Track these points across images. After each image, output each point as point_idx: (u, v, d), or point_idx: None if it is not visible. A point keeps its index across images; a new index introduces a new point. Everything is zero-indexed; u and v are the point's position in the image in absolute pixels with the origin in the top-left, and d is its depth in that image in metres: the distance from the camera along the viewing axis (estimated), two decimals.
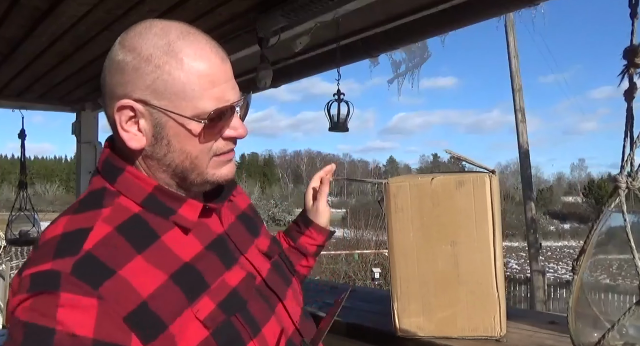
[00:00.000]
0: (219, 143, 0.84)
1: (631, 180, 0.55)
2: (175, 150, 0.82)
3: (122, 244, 0.76)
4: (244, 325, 0.81)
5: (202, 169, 0.84)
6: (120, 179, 0.84)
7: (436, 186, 1.51)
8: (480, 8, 2.26)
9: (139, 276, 0.74)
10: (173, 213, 0.84)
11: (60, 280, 0.69)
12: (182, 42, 0.79)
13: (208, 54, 0.80)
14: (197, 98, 0.79)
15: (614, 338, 0.55)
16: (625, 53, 0.60)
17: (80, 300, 0.69)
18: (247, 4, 2.29)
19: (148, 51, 0.78)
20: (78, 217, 0.79)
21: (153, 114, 0.80)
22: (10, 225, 4.89)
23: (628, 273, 0.58)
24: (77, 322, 0.68)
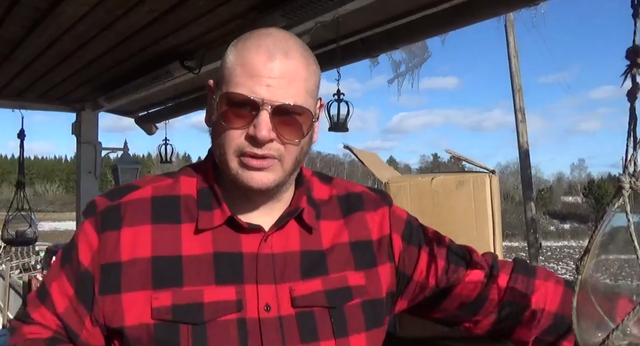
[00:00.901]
0: (241, 140, 0.82)
1: (634, 180, 0.54)
2: (216, 136, 0.86)
3: (145, 210, 0.88)
4: (189, 338, 0.80)
5: (228, 160, 0.83)
6: (202, 165, 0.94)
7: (436, 186, 1.51)
8: (480, 8, 2.26)
9: (131, 241, 0.85)
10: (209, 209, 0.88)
11: (94, 212, 0.89)
12: (253, 34, 0.85)
13: (259, 47, 0.82)
14: (232, 83, 0.82)
15: (618, 338, 0.54)
16: (628, 53, 0.60)
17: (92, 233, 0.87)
18: (247, 4, 2.29)
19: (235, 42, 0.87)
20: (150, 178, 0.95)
21: (213, 92, 0.88)
22: (7, 225, 4.89)
23: (630, 273, 0.58)
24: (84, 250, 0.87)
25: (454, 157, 1.60)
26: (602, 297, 0.59)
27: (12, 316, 8.79)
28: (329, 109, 2.67)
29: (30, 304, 0.91)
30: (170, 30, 2.63)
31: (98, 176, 4.71)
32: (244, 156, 0.82)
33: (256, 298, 0.84)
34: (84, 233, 0.88)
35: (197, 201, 0.89)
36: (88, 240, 0.87)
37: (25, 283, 7.86)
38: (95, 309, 0.85)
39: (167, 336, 0.81)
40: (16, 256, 17.39)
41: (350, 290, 0.90)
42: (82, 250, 0.87)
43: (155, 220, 0.87)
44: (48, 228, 35.63)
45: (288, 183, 0.89)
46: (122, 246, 0.85)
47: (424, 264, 0.99)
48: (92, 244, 0.87)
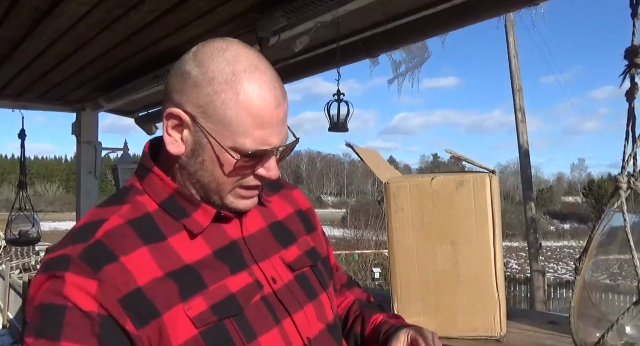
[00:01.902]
0: (247, 178, 0.87)
1: (633, 180, 0.54)
2: (206, 170, 0.85)
3: (131, 234, 0.82)
4: (237, 330, 0.82)
5: (224, 194, 0.87)
6: (147, 178, 0.89)
7: (436, 186, 1.51)
8: (480, 8, 2.26)
9: (139, 265, 0.79)
10: (187, 215, 0.87)
11: (69, 263, 0.77)
12: (246, 75, 0.81)
13: (265, 95, 0.82)
14: (240, 134, 0.81)
15: (613, 337, 0.54)
16: (627, 53, 0.60)
17: (83, 280, 0.76)
18: (247, 4, 2.29)
19: (212, 74, 0.81)
20: (100, 210, 0.86)
21: (197, 131, 0.83)
22: (10, 225, 4.89)
23: (629, 272, 0.58)
24: (84, 300, 0.75)
25: (454, 157, 1.60)
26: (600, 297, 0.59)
27: (12, 316, 8.80)
28: (329, 109, 2.67)
29: None
30: (170, 30, 2.63)
31: (98, 176, 4.71)
32: (245, 189, 0.87)
33: (263, 275, 0.90)
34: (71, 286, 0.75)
35: (168, 213, 0.87)
36: (81, 288, 0.75)
37: (25, 283, 7.86)
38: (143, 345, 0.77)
39: (218, 338, 0.81)
40: (16, 256, 17.40)
41: (315, 249, 1.04)
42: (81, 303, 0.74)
43: (146, 242, 0.82)
44: (48, 228, 35.55)
45: None
46: (133, 272, 0.78)
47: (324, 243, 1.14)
48: (90, 289, 0.75)
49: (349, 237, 17.41)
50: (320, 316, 0.96)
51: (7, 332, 8.57)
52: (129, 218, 0.84)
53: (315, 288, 0.98)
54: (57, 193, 72.14)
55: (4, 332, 8.62)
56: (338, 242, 18.30)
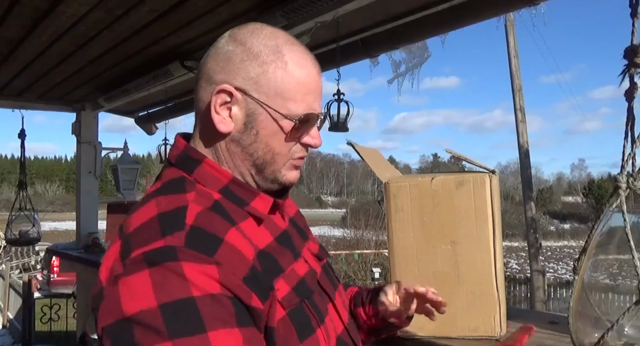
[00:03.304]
0: (297, 147, 0.90)
1: (632, 180, 0.54)
2: (261, 141, 0.87)
3: (217, 217, 0.81)
4: (312, 311, 0.87)
5: (278, 166, 0.89)
6: (198, 170, 0.88)
7: (436, 186, 1.51)
8: (480, 8, 2.26)
9: (241, 244, 0.79)
10: (246, 204, 0.88)
11: (179, 253, 0.72)
12: (288, 47, 0.87)
13: (308, 63, 0.89)
14: (291, 100, 0.86)
15: (613, 337, 0.54)
16: (626, 53, 0.60)
17: (201, 267, 0.71)
18: (247, 4, 2.29)
19: (258, 48, 0.86)
20: (167, 199, 0.82)
21: (249, 104, 0.86)
22: (10, 225, 4.89)
23: (628, 272, 0.58)
24: (208, 284, 0.71)
25: (454, 157, 1.60)
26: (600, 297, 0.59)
27: (12, 316, 8.80)
28: (329, 109, 2.67)
29: None
30: (170, 30, 2.63)
31: (98, 176, 4.71)
32: (294, 159, 0.91)
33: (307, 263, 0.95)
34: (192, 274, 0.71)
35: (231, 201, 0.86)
36: (204, 274, 0.71)
37: (25, 283, 7.86)
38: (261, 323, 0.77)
39: (301, 319, 0.84)
40: (16, 256, 17.40)
41: (322, 247, 1.08)
42: (208, 288, 0.71)
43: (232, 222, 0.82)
44: (48, 228, 35.56)
45: None
46: (242, 250, 0.78)
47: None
48: (212, 274, 0.72)
49: (349, 237, 17.38)
50: (345, 303, 1.04)
51: (7, 332, 8.57)
52: (206, 205, 0.82)
53: (333, 277, 1.04)
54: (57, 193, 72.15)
55: (4, 332, 8.61)
56: (338, 242, 18.28)
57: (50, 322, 7.22)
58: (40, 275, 14.09)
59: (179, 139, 0.93)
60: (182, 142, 0.92)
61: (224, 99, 0.85)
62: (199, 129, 0.91)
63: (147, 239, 0.74)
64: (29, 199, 4.91)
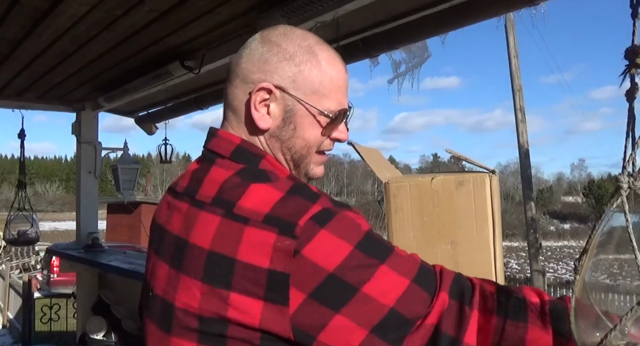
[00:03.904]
0: (327, 141, 0.96)
1: (633, 180, 0.54)
2: (298, 136, 0.93)
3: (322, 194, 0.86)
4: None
5: (310, 160, 0.96)
6: (262, 164, 0.91)
7: (436, 186, 1.51)
8: (480, 8, 2.26)
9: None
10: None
11: (334, 211, 0.80)
12: (319, 47, 0.93)
13: (338, 63, 0.95)
14: (325, 96, 0.93)
15: (616, 337, 0.54)
16: (627, 53, 0.60)
17: (353, 214, 0.82)
18: (247, 4, 2.29)
19: (293, 49, 0.91)
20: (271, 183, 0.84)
21: (286, 100, 0.91)
22: (9, 225, 4.89)
23: (629, 272, 0.58)
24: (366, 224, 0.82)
25: (454, 157, 1.60)
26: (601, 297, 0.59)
27: (12, 316, 8.80)
28: None
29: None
30: (170, 30, 2.64)
31: (98, 176, 4.70)
32: (321, 154, 0.97)
33: None
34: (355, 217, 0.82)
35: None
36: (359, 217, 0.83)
37: (25, 283, 7.86)
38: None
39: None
40: (16, 256, 17.41)
41: None
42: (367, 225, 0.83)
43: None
44: (48, 228, 35.63)
45: None
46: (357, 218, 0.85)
47: None
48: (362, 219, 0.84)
49: None
50: None
51: (7, 332, 8.57)
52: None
53: None
54: (57, 193, 72.20)
55: (4, 332, 8.62)
56: None
57: (50, 322, 7.22)
58: (40, 275, 14.10)
59: (227, 134, 0.94)
60: (235, 137, 0.93)
61: (262, 97, 0.90)
62: (234, 125, 0.95)
63: (301, 209, 0.78)
64: (27, 199, 4.91)
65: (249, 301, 0.75)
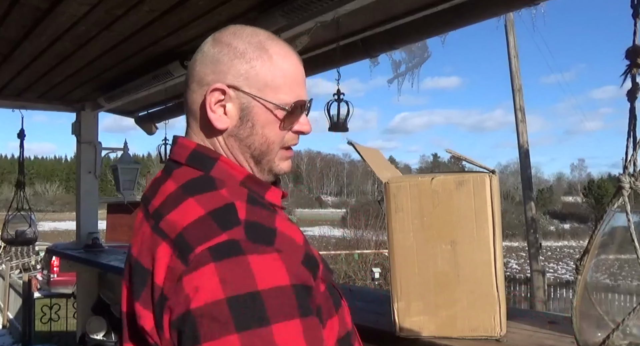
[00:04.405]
0: (289, 135, 0.94)
1: (634, 180, 0.54)
2: (257, 133, 0.91)
3: (262, 210, 0.84)
4: (337, 290, 0.93)
5: (273, 156, 0.94)
6: (215, 168, 0.90)
7: (436, 186, 1.51)
8: (480, 8, 2.26)
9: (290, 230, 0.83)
10: (262, 197, 0.91)
11: (242, 246, 0.74)
12: (270, 42, 0.93)
13: (292, 55, 0.94)
14: (281, 90, 0.91)
15: (618, 338, 0.54)
16: (628, 53, 0.60)
17: (265, 258, 0.75)
18: (247, 4, 2.29)
19: (243, 46, 0.91)
20: (206, 197, 0.83)
21: (242, 98, 0.90)
22: (7, 225, 4.88)
23: (630, 272, 0.58)
24: (273, 276, 0.73)
25: (454, 157, 1.60)
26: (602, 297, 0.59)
27: (12, 316, 8.80)
28: (329, 109, 2.67)
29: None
30: (170, 30, 2.63)
31: (98, 176, 4.70)
32: (286, 149, 0.95)
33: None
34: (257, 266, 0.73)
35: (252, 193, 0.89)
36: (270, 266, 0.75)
37: (25, 283, 7.86)
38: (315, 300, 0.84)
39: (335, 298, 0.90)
40: (16, 256, 17.40)
41: None
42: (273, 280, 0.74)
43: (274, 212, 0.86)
44: (48, 228, 35.58)
45: None
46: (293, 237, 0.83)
47: None
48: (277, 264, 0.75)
49: (349, 237, 17.38)
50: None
51: (7, 332, 8.57)
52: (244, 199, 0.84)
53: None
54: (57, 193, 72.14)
55: (4, 332, 8.62)
56: (338, 242, 18.28)
57: (50, 322, 7.22)
58: (40, 275, 14.08)
59: (184, 140, 0.95)
60: (191, 142, 0.94)
61: (217, 98, 0.90)
62: (195, 130, 0.95)
63: (207, 235, 0.75)
64: (26, 199, 4.91)
65: (148, 315, 0.78)
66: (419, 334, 1.52)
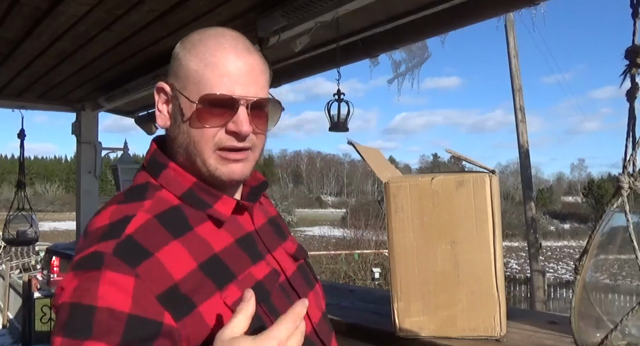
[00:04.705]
0: (220, 135, 0.87)
1: (633, 180, 0.54)
2: (183, 132, 0.88)
3: (160, 230, 0.83)
4: (267, 314, 0.86)
5: (204, 158, 0.88)
6: (163, 174, 0.91)
7: (436, 186, 1.51)
8: (480, 8, 2.26)
9: (173, 260, 0.80)
10: (209, 206, 0.89)
11: (104, 260, 0.76)
12: (208, 37, 0.89)
13: (227, 49, 0.87)
14: (203, 85, 0.86)
15: (616, 338, 0.54)
16: (627, 53, 0.60)
17: (119, 277, 0.75)
18: (247, 4, 2.29)
19: (181, 45, 0.91)
20: (122, 207, 0.85)
21: (175, 96, 0.89)
22: (8, 225, 4.88)
23: (629, 273, 0.58)
24: (116, 298, 0.74)
25: (454, 157, 1.60)
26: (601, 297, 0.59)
27: (12, 316, 8.80)
28: (329, 109, 2.67)
29: None
30: (170, 30, 2.63)
31: (98, 176, 4.70)
32: (222, 150, 0.87)
33: (278, 264, 0.95)
34: (106, 285, 0.74)
35: (191, 205, 0.88)
36: (117, 287, 0.75)
37: (25, 283, 7.86)
38: (175, 341, 0.77)
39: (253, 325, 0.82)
40: (16, 256, 17.39)
41: (301, 247, 1.08)
42: (112, 302, 0.74)
43: (175, 235, 0.83)
44: (48, 228, 35.59)
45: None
46: (168, 268, 0.79)
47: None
48: (127, 287, 0.75)
49: (349, 237, 17.38)
50: (318, 303, 1.02)
51: (7, 332, 8.57)
52: (156, 213, 0.84)
53: (311, 277, 1.05)
54: (57, 193, 72.12)
55: (4, 332, 8.62)
56: (338, 242, 18.28)
57: (50, 322, 7.22)
58: (40, 275, 14.07)
59: (152, 143, 0.96)
60: (154, 145, 0.95)
61: (162, 97, 0.91)
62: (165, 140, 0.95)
63: (86, 246, 0.80)
64: (27, 199, 4.91)
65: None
66: (419, 334, 1.52)
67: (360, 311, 1.89)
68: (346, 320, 1.76)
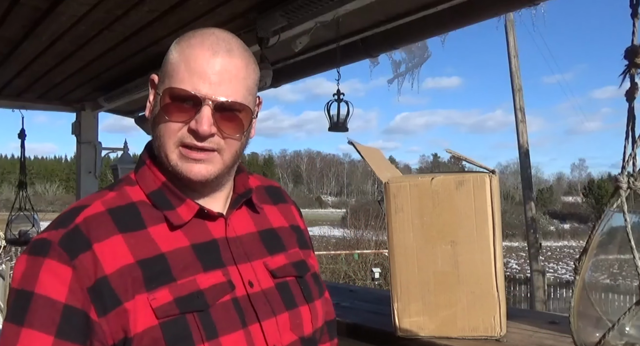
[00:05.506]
0: (183, 132, 0.86)
1: (633, 180, 0.54)
2: (155, 124, 0.90)
3: (107, 223, 0.85)
4: (199, 326, 0.83)
5: (167, 152, 0.87)
6: (141, 170, 0.94)
7: (436, 186, 1.51)
8: (480, 8, 2.26)
9: (109, 253, 0.82)
10: (171, 208, 0.89)
11: (50, 248, 0.81)
12: (197, 35, 0.88)
13: (205, 47, 0.86)
14: (173, 78, 0.86)
15: (614, 337, 0.54)
16: (626, 53, 0.60)
17: (59, 267, 0.79)
18: (247, 4, 2.29)
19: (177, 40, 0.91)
20: (89, 197, 0.90)
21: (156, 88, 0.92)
22: (10, 225, 4.88)
23: (629, 273, 0.58)
24: (54, 287, 0.78)
25: (454, 157, 1.60)
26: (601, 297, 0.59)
27: None
28: (329, 109, 2.67)
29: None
30: (170, 30, 2.63)
31: (98, 176, 4.71)
32: (183, 147, 0.87)
33: (240, 277, 0.91)
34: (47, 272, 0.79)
35: (153, 204, 0.90)
36: (56, 275, 0.79)
37: None
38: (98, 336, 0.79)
39: (177, 332, 0.82)
40: (16, 256, 17.39)
41: (305, 262, 1.04)
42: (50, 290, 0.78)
43: (122, 230, 0.85)
44: None
45: (228, 175, 0.95)
46: (102, 261, 0.81)
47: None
48: (64, 277, 0.79)
49: (349, 237, 17.41)
50: (294, 327, 0.95)
51: None
52: (110, 206, 0.87)
53: (296, 298, 0.97)
54: (57, 193, 72.10)
55: None
56: (338, 242, 18.29)
57: None
58: None
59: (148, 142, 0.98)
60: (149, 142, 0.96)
61: (151, 89, 0.93)
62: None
63: (45, 230, 0.85)
64: (28, 199, 4.91)
65: None
66: (419, 334, 1.52)
67: (360, 311, 1.89)
68: (346, 320, 1.76)
